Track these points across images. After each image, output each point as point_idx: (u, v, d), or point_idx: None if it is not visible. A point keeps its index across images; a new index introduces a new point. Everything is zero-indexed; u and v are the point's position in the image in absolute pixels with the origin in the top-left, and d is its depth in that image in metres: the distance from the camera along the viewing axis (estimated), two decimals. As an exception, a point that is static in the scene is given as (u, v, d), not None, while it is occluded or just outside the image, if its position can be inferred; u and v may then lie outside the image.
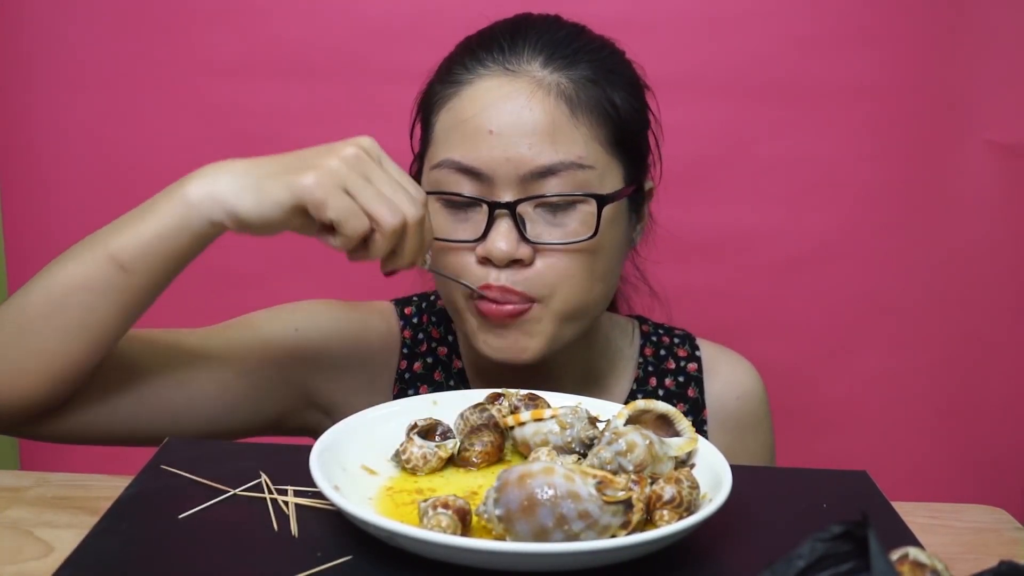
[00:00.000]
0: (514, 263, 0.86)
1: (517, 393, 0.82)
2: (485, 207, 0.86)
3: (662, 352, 1.07)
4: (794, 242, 1.44)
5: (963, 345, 1.46)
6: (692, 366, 1.06)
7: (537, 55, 0.88)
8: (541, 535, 0.60)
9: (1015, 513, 0.83)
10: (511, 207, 0.85)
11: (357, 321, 1.00)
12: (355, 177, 0.75)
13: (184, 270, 0.81)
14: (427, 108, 0.93)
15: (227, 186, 0.76)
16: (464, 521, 0.64)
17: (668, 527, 0.62)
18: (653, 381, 1.05)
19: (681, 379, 1.06)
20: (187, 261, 0.80)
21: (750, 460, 1.07)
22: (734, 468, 0.70)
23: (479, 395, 0.83)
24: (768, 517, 0.73)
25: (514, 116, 0.85)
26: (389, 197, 0.76)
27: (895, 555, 0.54)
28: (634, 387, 1.04)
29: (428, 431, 0.78)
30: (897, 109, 1.41)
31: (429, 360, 1.02)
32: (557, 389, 0.96)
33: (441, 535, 0.60)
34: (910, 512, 0.77)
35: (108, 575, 0.62)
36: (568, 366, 0.99)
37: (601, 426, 0.76)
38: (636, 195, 0.95)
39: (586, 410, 0.76)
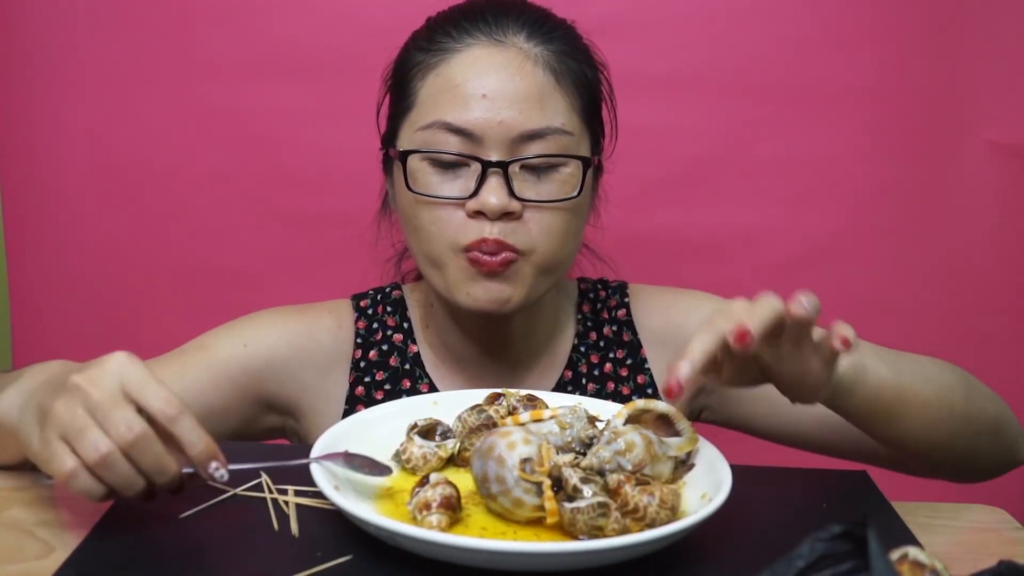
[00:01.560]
0: (504, 216, 0.91)
1: (516, 394, 0.82)
2: (476, 165, 0.91)
3: (598, 306, 1.10)
4: (794, 242, 1.44)
5: (963, 345, 1.46)
6: (621, 312, 1.09)
7: (520, 29, 0.94)
8: (478, 480, 0.68)
9: (1015, 513, 0.83)
10: (504, 166, 0.90)
11: (305, 324, 1.04)
12: (70, 419, 0.66)
13: None
14: (404, 75, 0.97)
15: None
16: (452, 507, 0.66)
17: (668, 527, 0.62)
18: (593, 335, 1.08)
19: (615, 328, 1.08)
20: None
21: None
22: (734, 468, 0.70)
23: (478, 396, 0.83)
24: (768, 517, 0.73)
25: (505, 83, 0.91)
26: (97, 427, 0.66)
27: (895, 555, 0.54)
28: (575, 342, 1.07)
29: (428, 431, 0.78)
30: (897, 109, 1.40)
31: (384, 347, 1.06)
32: (511, 356, 1.03)
33: (441, 535, 0.60)
34: (910, 512, 0.77)
35: (108, 575, 0.62)
36: (515, 332, 1.03)
37: (600, 426, 0.76)
38: (597, 167, 1.01)
39: (585, 410, 0.77)
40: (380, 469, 0.71)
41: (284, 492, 0.72)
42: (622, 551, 0.61)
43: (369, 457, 0.72)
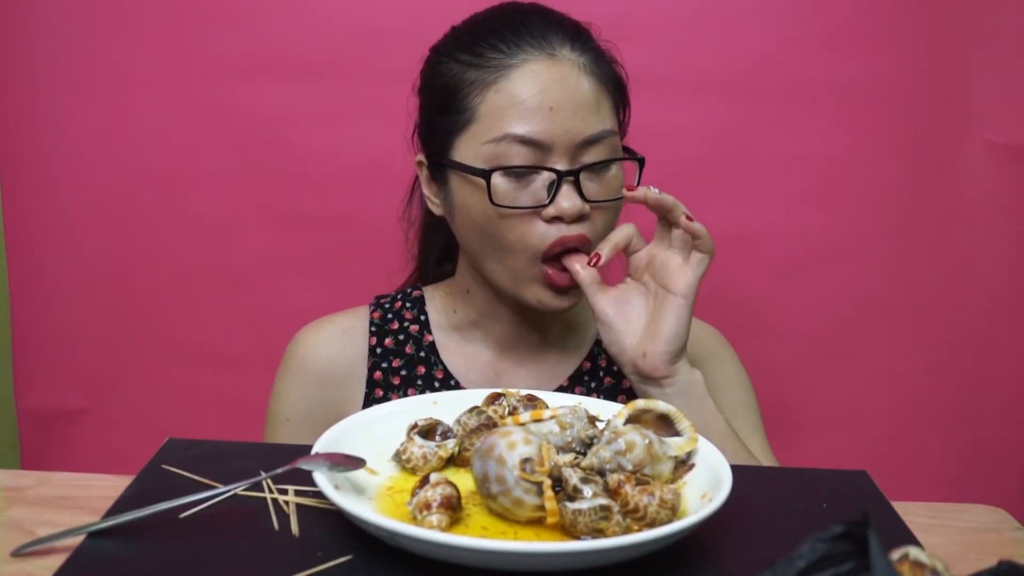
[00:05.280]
0: (579, 219, 0.98)
1: (516, 394, 0.82)
2: (546, 175, 0.97)
3: None
4: (794, 242, 1.44)
5: (963, 345, 1.46)
6: None
7: (564, 41, 1.00)
8: (478, 480, 0.68)
9: (1015, 513, 0.83)
10: (575, 174, 0.97)
11: (331, 361, 1.10)
12: None
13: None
14: (456, 91, 1.01)
15: None
16: (453, 507, 0.66)
17: (668, 527, 0.62)
18: None
19: None
20: None
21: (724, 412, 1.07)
22: (734, 468, 0.70)
23: (478, 396, 0.83)
24: (768, 517, 0.73)
25: (567, 94, 0.98)
26: None
27: (895, 555, 0.54)
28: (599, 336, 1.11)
29: (428, 431, 0.78)
30: (897, 109, 1.40)
31: (401, 337, 1.11)
32: (538, 338, 1.09)
33: (441, 534, 0.60)
34: (910, 512, 0.77)
35: (108, 575, 0.62)
36: (555, 323, 1.10)
37: (600, 426, 0.76)
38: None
39: (585, 410, 0.77)
40: (354, 462, 0.71)
41: (284, 492, 0.72)
42: (622, 551, 0.61)
43: (339, 453, 0.72)
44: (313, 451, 0.71)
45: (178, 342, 1.48)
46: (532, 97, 0.97)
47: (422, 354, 1.09)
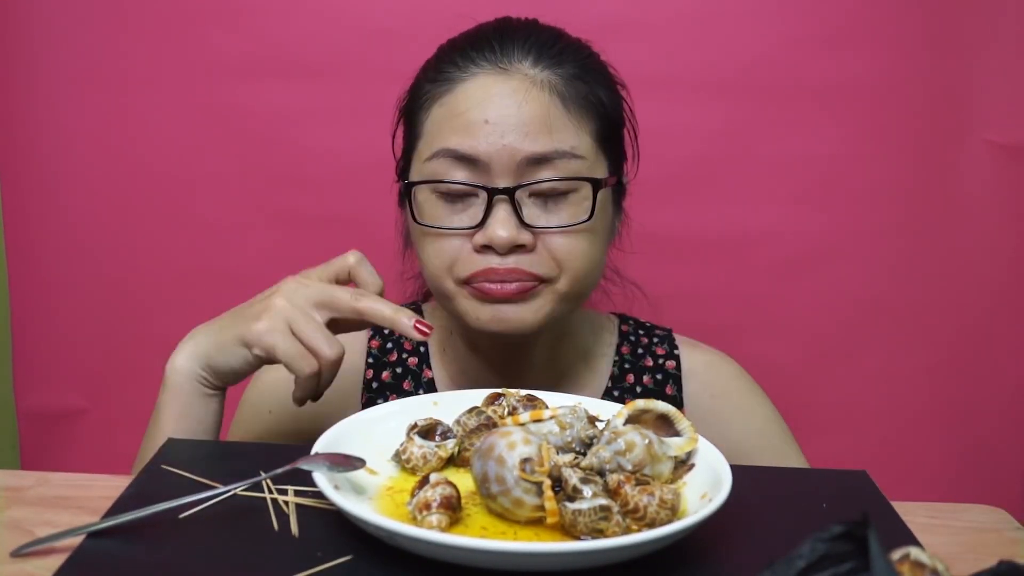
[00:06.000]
0: (516, 249, 0.88)
1: (517, 394, 0.82)
2: (482, 196, 0.88)
3: (639, 351, 1.07)
4: (794, 242, 1.44)
5: (963, 345, 1.46)
6: (670, 363, 1.07)
7: (527, 55, 0.92)
8: (478, 480, 0.68)
9: (1015, 513, 0.83)
10: (510, 192, 0.88)
11: (320, 401, 1.05)
12: (297, 317, 0.84)
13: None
14: (414, 107, 0.96)
15: (195, 349, 0.89)
16: (452, 507, 0.66)
17: (668, 527, 0.62)
18: (631, 378, 1.06)
19: (659, 376, 1.06)
20: (214, 421, 0.89)
21: (749, 441, 1.05)
22: (734, 468, 0.70)
23: (478, 396, 0.83)
24: (768, 517, 0.73)
25: (509, 109, 0.89)
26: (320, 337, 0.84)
27: (895, 555, 0.54)
28: (609, 384, 1.06)
29: (428, 431, 0.78)
30: (897, 109, 1.40)
31: (399, 370, 1.05)
32: (532, 387, 1.01)
33: (441, 535, 0.60)
34: (910, 512, 0.77)
35: (108, 575, 0.62)
36: (537, 362, 1.01)
37: (600, 426, 0.76)
38: (618, 188, 0.99)
39: (585, 410, 0.76)
40: (353, 463, 0.71)
41: (284, 492, 0.72)
42: (622, 551, 0.61)
43: (339, 453, 0.72)
44: (313, 451, 0.71)
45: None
46: (469, 110, 0.89)
47: (420, 392, 1.03)
